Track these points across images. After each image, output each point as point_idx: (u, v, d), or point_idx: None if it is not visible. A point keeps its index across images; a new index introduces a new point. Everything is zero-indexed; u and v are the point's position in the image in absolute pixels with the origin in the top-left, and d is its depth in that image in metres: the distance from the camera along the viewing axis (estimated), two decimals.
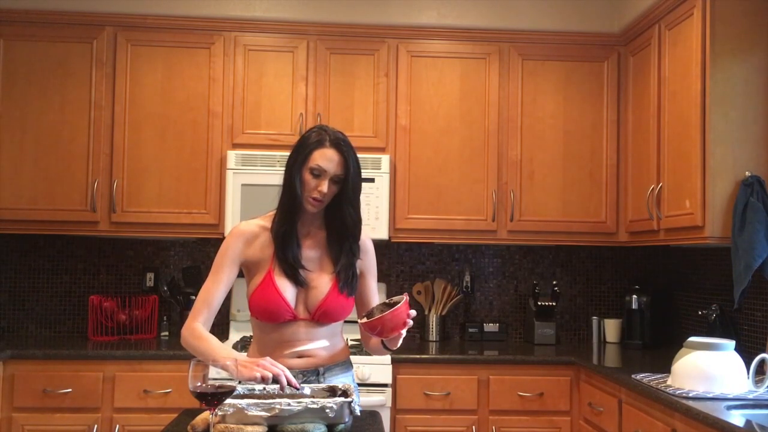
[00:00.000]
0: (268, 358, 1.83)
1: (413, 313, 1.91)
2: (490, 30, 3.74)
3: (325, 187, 2.03)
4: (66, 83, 3.57)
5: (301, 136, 2.12)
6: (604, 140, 3.75)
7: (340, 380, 2.15)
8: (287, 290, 2.06)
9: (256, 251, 2.10)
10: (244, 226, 2.14)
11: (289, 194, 2.07)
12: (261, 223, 2.14)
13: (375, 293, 2.23)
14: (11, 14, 3.55)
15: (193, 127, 3.62)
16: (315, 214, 2.11)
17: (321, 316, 2.09)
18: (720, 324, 3.20)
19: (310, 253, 2.12)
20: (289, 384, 1.79)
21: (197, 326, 2.01)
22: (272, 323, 2.09)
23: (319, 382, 2.10)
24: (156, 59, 3.62)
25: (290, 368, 2.08)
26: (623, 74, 3.75)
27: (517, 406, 3.32)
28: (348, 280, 2.11)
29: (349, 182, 2.06)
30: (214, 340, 1.97)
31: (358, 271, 2.17)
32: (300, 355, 2.10)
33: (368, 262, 2.21)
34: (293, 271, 2.07)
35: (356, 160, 2.09)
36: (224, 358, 1.83)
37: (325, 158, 2.03)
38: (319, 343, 2.12)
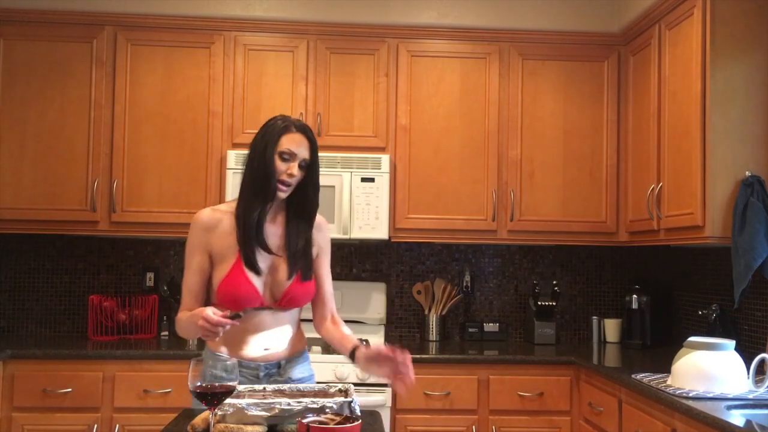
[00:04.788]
0: (208, 309, 1.85)
1: None
2: (490, 30, 3.74)
3: (295, 170, 2.07)
4: (66, 83, 3.57)
5: (264, 125, 2.14)
6: (604, 140, 3.75)
7: (299, 371, 2.19)
8: (255, 277, 2.08)
9: (220, 237, 2.10)
10: (204, 213, 2.15)
11: (261, 180, 2.07)
12: (224, 208, 2.16)
13: (327, 273, 2.26)
14: (11, 14, 3.55)
15: (193, 127, 3.62)
16: (279, 202, 2.13)
17: (287, 302, 2.12)
18: (720, 324, 3.20)
19: (273, 239, 2.13)
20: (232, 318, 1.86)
21: (183, 312, 2.09)
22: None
23: (280, 375, 2.14)
24: (156, 59, 3.62)
25: (254, 361, 2.11)
26: (623, 74, 3.75)
27: (517, 406, 3.32)
28: (308, 263, 2.14)
29: (315, 166, 2.11)
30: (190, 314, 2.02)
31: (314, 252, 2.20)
32: (267, 348, 2.13)
33: (321, 239, 2.23)
34: (258, 257, 2.07)
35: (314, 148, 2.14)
36: (196, 323, 1.88)
37: (294, 142, 2.08)
38: (283, 330, 2.15)
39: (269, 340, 2.14)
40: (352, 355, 2.08)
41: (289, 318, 2.17)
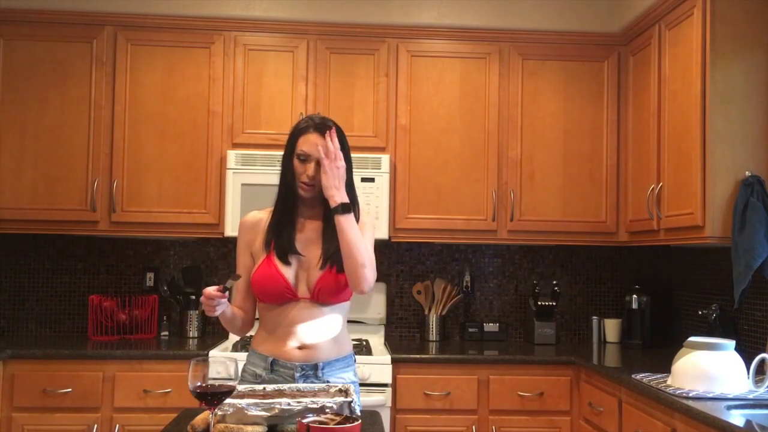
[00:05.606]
0: (206, 291, 1.99)
1: None
2: (490, 30, 3.74)
3: (311, 170, 2.11)
4: (66, 83, 3.57)
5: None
6: (604, 140, 3.75)
7: (339, 376, 2.17)
8: (286, 270, 2.12)
9: (259, 236, 2.20)
10: (248, 215, 2.28)
11: (284, 182, 2.18)
12: (266, 210, 2.25)
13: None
14: (11, 14, 3.55)
15: (193, 127, 3.62)
16: (315, 200, 2.16)
17: (319, 294, 2.13)
18: (720, 324, 3.20)
19: (309, 234, 2.18)
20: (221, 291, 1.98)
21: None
22: (275, 304, 2.15)
23: (316, 377, 2.12)
24: (156, 59, 3.62)
25: (290, 360, 2.13)
26: (623, 74, 3.75)
27: (517, 406, 3.32)
28: (339, 256, 2.12)
29: None
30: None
31: None
32: (302, 346, 2.13)
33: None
34: (287, 253, 2.13)
35: (342, 143, 2.15)
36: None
37: (309, 143, 2.12)
38: (321, 326, 2.15)
39: (304, 334, 2.14)
40: (332, 213, 2.08)
41: (329, 316, 2.17)
